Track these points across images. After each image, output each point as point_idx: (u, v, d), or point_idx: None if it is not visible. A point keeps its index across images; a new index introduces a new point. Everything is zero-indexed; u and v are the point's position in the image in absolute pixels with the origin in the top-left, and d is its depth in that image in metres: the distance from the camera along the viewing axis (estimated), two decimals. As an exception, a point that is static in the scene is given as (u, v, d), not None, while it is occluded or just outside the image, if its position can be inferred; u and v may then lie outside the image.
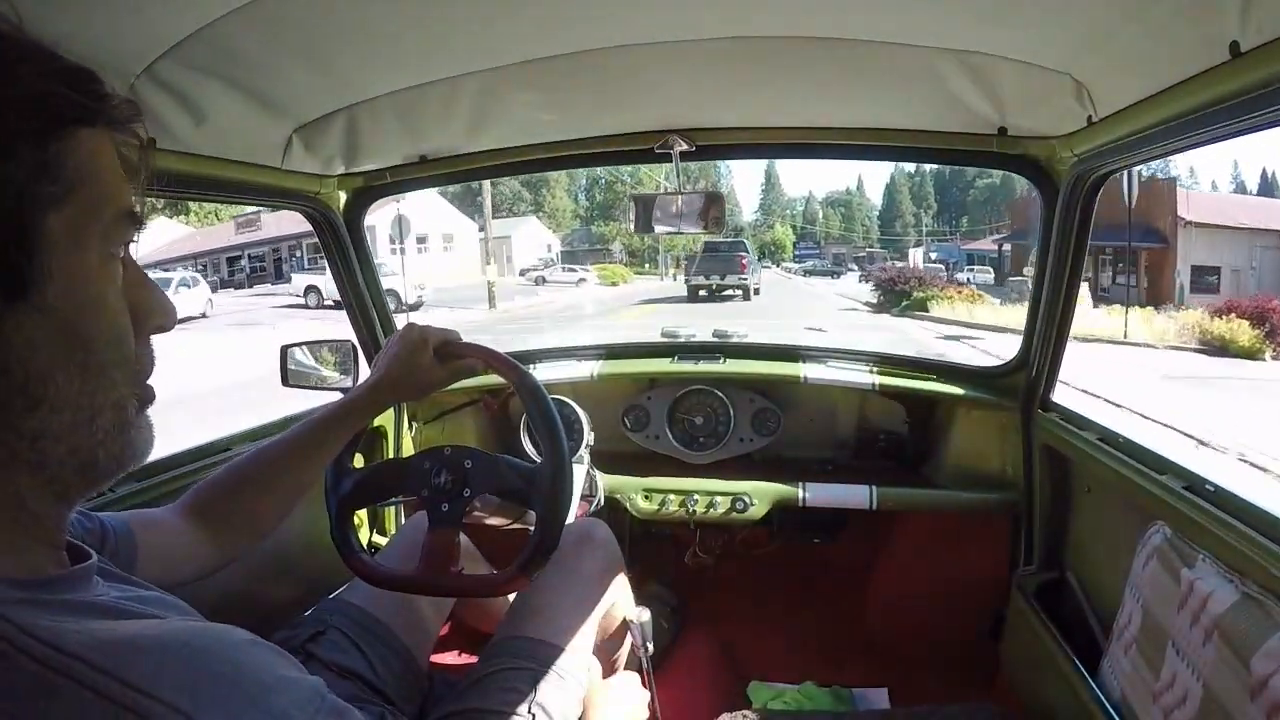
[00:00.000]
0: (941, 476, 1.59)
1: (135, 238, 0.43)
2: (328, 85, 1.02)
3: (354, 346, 1.46)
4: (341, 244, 1.42)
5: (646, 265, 42.07)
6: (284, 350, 1.40)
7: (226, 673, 0.36)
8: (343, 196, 1.41)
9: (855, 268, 43.98)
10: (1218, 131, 0.75)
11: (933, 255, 44.25)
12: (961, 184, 65.94)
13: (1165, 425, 5.56)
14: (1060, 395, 1.37)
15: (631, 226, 1.45)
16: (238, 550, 0.76)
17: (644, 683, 1.05)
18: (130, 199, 0.42)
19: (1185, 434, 5.38)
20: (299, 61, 0.92)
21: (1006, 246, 31.50)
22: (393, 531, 1.61)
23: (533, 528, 0.84)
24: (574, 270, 31.20)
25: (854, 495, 1.47)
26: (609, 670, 1.13)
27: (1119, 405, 6.14)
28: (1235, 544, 0.78)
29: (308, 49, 0.90)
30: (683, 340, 1.79)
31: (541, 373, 1.63)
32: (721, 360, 1.67)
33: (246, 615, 1.15)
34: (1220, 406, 6.90)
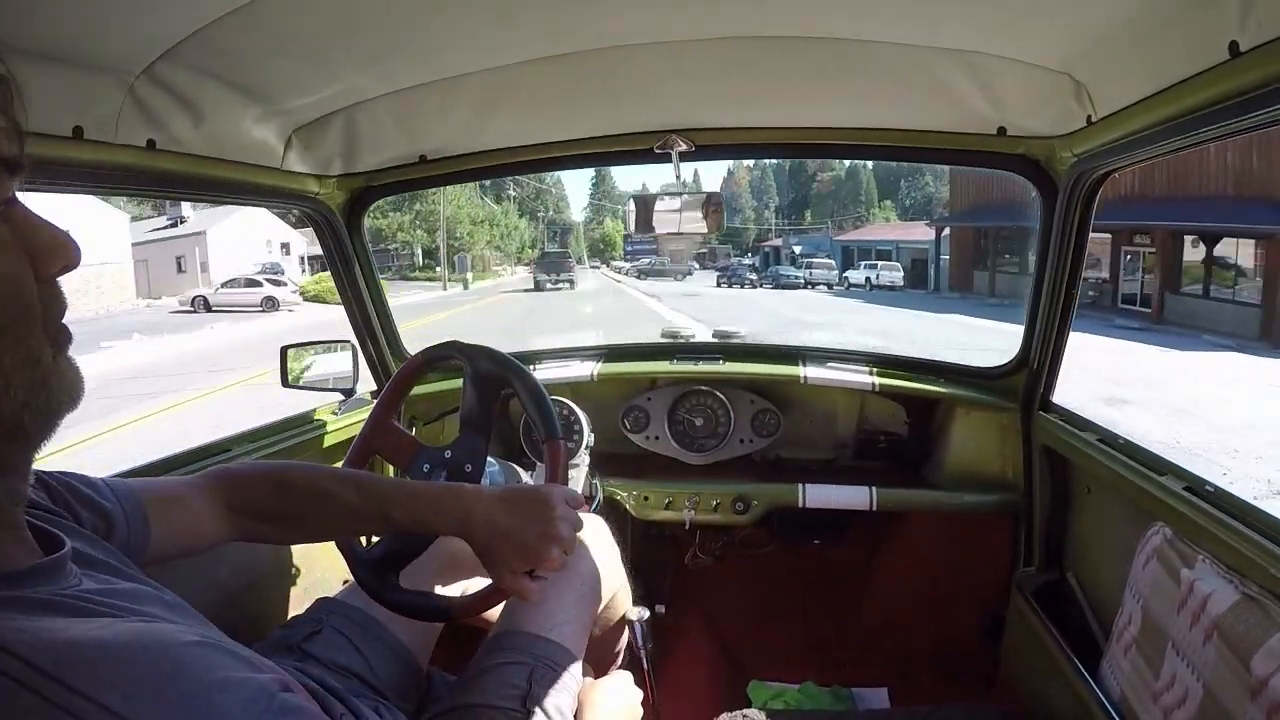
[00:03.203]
0: (941, 477, 1.59)
1: (13, 185, 0.41)
2: (327, 86, 1.02)
3: (354, 347, 1.46)
4: (341, 244, 1.42)
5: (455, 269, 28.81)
6: (284, 351, 1.40)
7: (166, 672, 0.35)
8: (342, 197, 1.41)
9: (697, 265, 39.90)
10: (1217, 131, 0.75)
11: (796, 248, 38.97)
12: (803, 177, 60.84)
13: None
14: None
15: (631, 226, 1.45)
16: (256, 539, 0.80)
17: (644, 682, 1.05)
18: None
19: None
20: (298, 62, 0.92)
21: (946, 230, 22.85)
22: None
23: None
24: (257, 285, 20.08)
25: (854, 496, 1.47)
26: (606, 668, 1.13)
27: None
28: (1235, 545, 0.78)
29: (306, 50, 0.90)
30: (683, 341, 1.79)
31: (541, 373, 1.63)
32: (721, 361, 1.67)
33: (244, 614, 1.16)
34: None
